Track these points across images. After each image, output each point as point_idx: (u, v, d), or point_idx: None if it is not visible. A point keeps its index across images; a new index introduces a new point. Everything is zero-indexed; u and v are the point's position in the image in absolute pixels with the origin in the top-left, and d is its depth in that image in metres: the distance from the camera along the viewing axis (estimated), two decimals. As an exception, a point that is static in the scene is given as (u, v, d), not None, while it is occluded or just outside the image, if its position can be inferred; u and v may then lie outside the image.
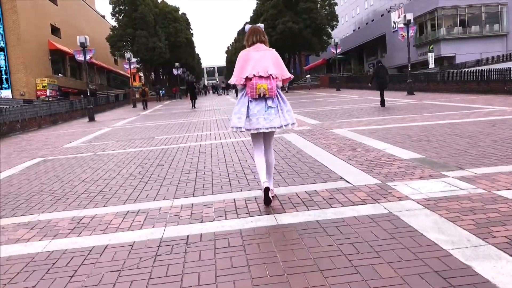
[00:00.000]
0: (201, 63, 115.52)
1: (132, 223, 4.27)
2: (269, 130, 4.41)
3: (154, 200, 5.06)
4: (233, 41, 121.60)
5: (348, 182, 5.09)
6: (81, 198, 5.50)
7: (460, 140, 7.43)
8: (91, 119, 22.42)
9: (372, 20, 66.49)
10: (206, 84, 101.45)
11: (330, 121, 12.18)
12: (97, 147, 10.68)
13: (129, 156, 8.70)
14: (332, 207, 4.22)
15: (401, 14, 53.48)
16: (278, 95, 4.46)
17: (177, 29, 60.16)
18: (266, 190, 4.33)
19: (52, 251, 3.66)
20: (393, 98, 21.33)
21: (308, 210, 4.19)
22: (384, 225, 3.62)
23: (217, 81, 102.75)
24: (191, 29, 73.33)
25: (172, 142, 10.37)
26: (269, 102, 4.38)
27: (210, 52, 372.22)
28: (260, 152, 4.57)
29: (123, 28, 52.82)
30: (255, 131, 4.42)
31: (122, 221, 4.34)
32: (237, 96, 50.40)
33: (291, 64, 68.79)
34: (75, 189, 6.05)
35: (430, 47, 46.21)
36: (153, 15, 53.74)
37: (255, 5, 65.32)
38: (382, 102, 15.99)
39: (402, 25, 23.56)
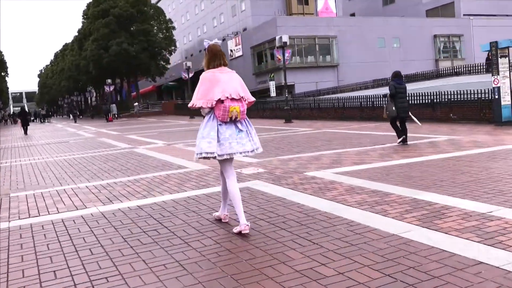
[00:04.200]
0: (8, 87, 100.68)
1: None
2: (243, 155, 4.23)
3: None
4: (48, 63, 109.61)
5: None
6: None
7: (556, 188, 5.10)
8: None
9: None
10: (13, 111, 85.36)
11: (270, 157, 9.08)
12: None
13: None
14: None
15: (239, 42, 53.56)
16: (246, 118, 4.27)
17: (-16, 45, 50.17)
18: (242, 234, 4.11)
19: None
20: (274, 125, 19.22)
21: None
22: None
23: (39, 108, 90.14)
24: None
25: (51, 208, 6.04)
26: (239, 125, 4.18)
27: (16, 75, 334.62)
28: (235, 178, 4.30)
29: None
30: (228, 157, 4.16)
31: None
32: (75, 122, 43.66)
33: (124, 90, 63.71)
34: None
35: (272, 76, 46.51)
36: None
37: (81, 24, 59.11)
38: None
39: (277, 48, 21.90)
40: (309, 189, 5.83)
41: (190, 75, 31.29)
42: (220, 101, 4.05)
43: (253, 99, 4.29)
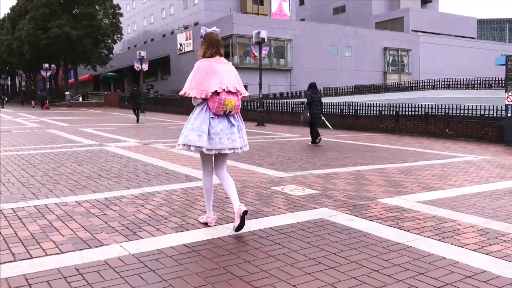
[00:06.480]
0: None
1: None
2: (232, 151, 4.04)
3: None
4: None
5: None
6: None
7: None
8: None
9: (152, 40, 62.47)
10: None
11: (297, 171, 7.36)
12: None
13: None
14: None
15: (189, 36, 51.03)
16: (239, 114, 4.11)
17: None
18: (245, 213, 3.88)
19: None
20: (247, 128, 17.44)
21: None
22: None
23: None
24: None
25: (42, 241, 3.98)
26: (232, 120, 4.01)
27: None
28: (211, 175, 4.19)
29: None
30: (216, 152, 3.97)
31: None
32: (2, 107, 39.12)
33: (59, 77, 59.16)
34: None
35: (224, 74, 44.67)
36: None
37: (16, 1, 54.06)
38: (137, 120, 20.12)
39: (254, 44, 20.23)
40: (423, 230, 4.20)
41: (144, 66, 28.65)
42: (215, 93, 3.86)
43: (247, 93, 4.14)
